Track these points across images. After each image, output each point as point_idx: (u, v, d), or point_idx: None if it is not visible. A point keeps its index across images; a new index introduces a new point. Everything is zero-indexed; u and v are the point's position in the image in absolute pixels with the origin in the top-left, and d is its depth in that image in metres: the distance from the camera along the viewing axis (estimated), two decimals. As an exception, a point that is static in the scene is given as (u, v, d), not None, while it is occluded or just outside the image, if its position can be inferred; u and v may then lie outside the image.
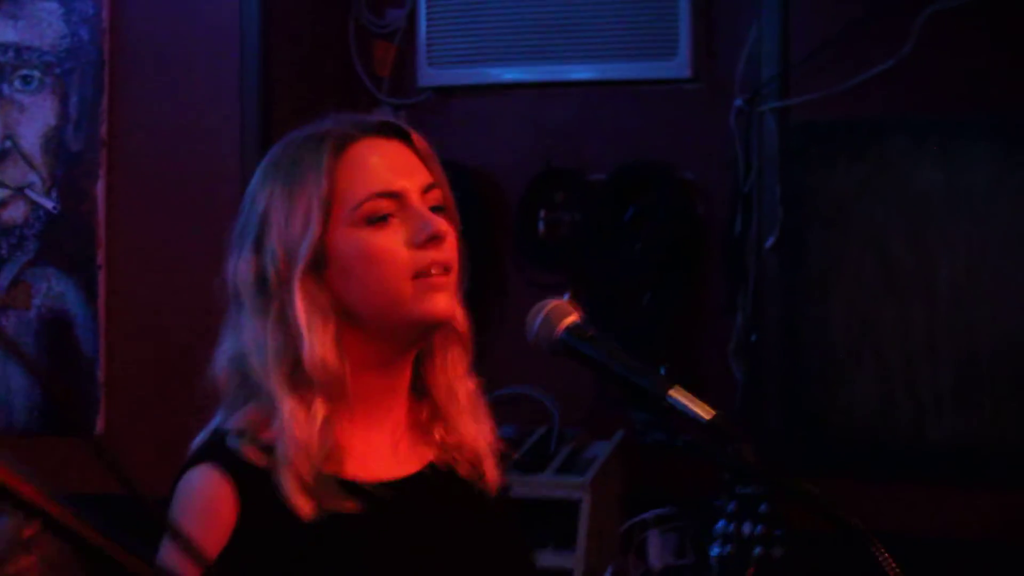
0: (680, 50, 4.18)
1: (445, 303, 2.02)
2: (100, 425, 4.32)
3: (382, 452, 2.07)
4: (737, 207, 4.07)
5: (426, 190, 2.05)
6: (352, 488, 1.98)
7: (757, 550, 3.93)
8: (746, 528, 3.97)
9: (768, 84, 3.99)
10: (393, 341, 2.05)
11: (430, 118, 4.43)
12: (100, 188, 4.32)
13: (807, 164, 3.95)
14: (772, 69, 3.99)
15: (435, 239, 2.01)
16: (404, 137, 2.08)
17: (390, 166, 2.04)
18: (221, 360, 2.04)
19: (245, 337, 2.02)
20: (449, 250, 2.03)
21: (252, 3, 4.22)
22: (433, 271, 2.00)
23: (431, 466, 2.10)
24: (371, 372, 2.05)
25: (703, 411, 1.99)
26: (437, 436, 2.12)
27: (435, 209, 2.05)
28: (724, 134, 4.12)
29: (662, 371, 4.62)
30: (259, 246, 2.02)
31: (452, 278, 2.04)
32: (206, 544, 1.88)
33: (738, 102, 4.06)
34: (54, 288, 4.35)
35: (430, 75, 4.43)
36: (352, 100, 4.48)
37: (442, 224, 2.02)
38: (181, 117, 4.31)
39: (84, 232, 4.32)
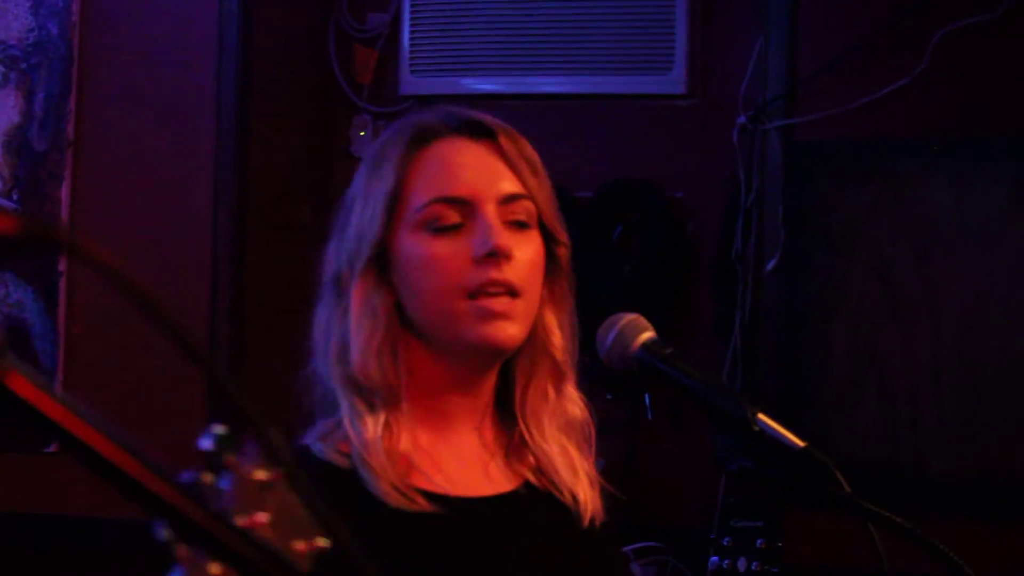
0: (676, 65, 4.07)
1: (507, 331, 1.89)
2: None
3: (472, 469, 1.98)
4: (735, 228, 3.96)
5: (507, 200, 1.92)
6: (438, 500, 1.89)
7: (753, 586, 3.83)
8: (741, 564, 3.88)
9: (773, 102, 3.89)
10: (455, 360, 1.93)
11: (411, 128, 4.30)
12: (64, 191, 4.15)
13: (811, 185, 3.87)
14: (777, 86, 3.90)
15: (493, 256, 1.87)
16: (494, 138, 1.94)
17: (464, 170, 1.92)
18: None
19: (315, 332, 1.96)
20: (513, 271, 1.89)
21: (232, 4, 4.07)
22: (490, 290, 1.87)
23: (527, 485, 2.00)
24: (447, 387, 1.95)
25: (795, 439, 1.89)
26: (531, 460, 2.01)
27: (516, 224, 1.91)
28: (719, 152, 4.02)
29: (647, 399, 4.48)
30: (341, 237, 1.95)
31: (519, 303, 1.90)
32: None
33: (741, 119, 3.95)
34: (12, 295, 4.17)
35: (413, 84, 4.29)
36: (331, 106, 4.35)
37: (505, 240, 1.87)
38: (153, 119, 4.15)
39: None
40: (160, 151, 4.14)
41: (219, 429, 1.10)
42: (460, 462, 1.97)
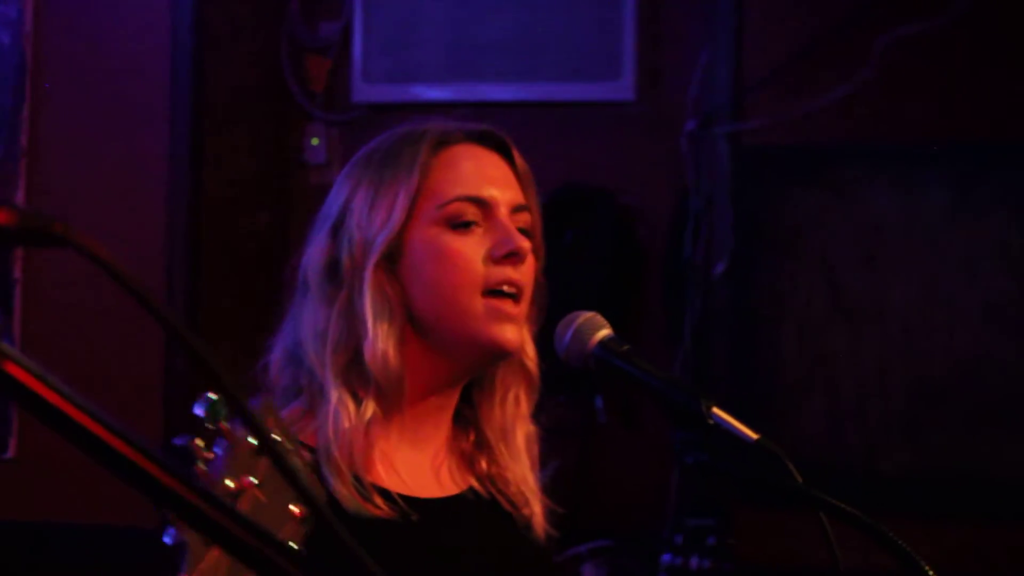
0: (624, 71, 4.12)
1: (514, 334, 1.95)
2: (12, 448, 4.15)
3: (423, 471, 2.02)
4: (684, 233, 4.02)
5: (516, 209, 1.99)
6: (389, 498, 1.93)
7: (705, 584, 3.89)
8: (694, 562, 3.93)
9: (720, 108, 3.95)
10: (454, 358, 1.98)
11: (364, 135, 4.32)
12: (19, 200, 4.16)
13: (759, 190, 3.93)
14: (724, 93, 3.96)
15: (514, 256, 1.94)
16: (505, 152, 2.02)
17: (484, 174, 1.98)
18: (277, 350, 2.00)
19: (305, 325, 1.97)
20: (526, 273, 1.96)
21: (185, 13, 4.09)
22: (506, 289, 1.93)
23: (472, 491, 2.04)
24: (434, 387, 1.99)
25: (748, 431, 1.94)
26: (483, 467, 2.06)
27: (521, 231, 1.97)
28: (669, 158, 4.07)
29: (598, 401, 4.54)
30: (335, 233, 1.98)
31: (522, 309, 1.97)
32: None
33: (689, 125, 4.01)
34: (-33, 302, 4.18)
35: (365, 91, 4.33)
36: (285, 115, 4.38)
37: (525, 243, 1.95)
38: (107, 130, 4.17)
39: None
40: (114, 160, 4.16)
41: (213, 396, 1.15)
42: (417, 463, 2.01)
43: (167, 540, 1.17)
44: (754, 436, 1.90)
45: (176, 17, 4.11)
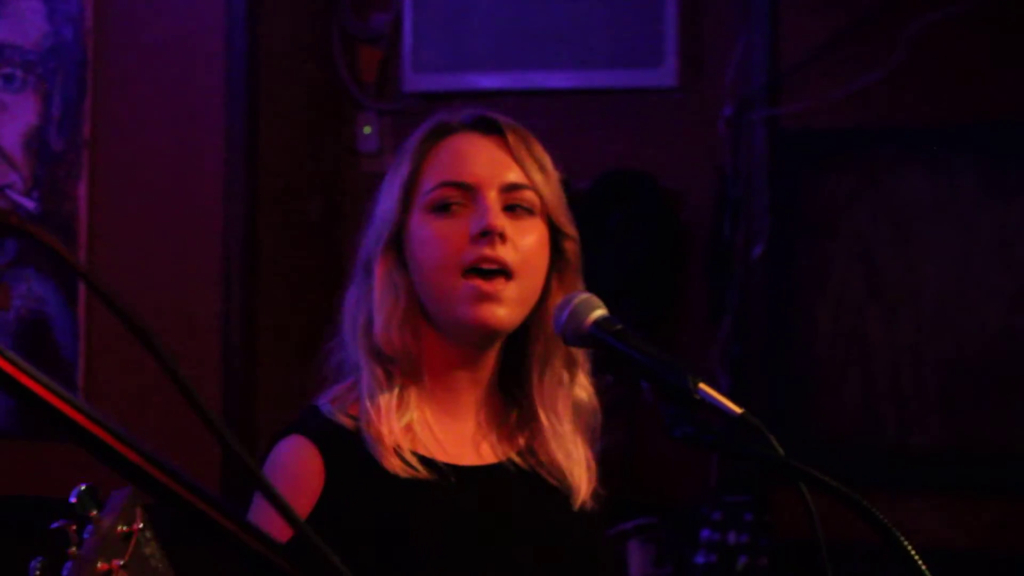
0: (666, 59, 4.20)
1: (496, 313, 2.03)
2: (78, 428, 4.29)
3: (463, 440, 2.11)
4: (723, 216, 4.09)
5: (509, 189, 2.06)
6: (428, 463, 2.03)
7: (742, 559, 3.97)
8: (731, 537, 4.01)
9: (757, 93, 4.01)
10: (455, 338, 2.08)
11: (414, 124, 4.41)
12: (82, 189, 4.30)
13: (796, 173, 3.99)
14: (761, 78, 4.02)
15: (487, 234, 2.01)
16: (502, 134, 2.09)
17: (471, 159, 2.06)
18: (337, 331, 2.12)
19: (346, 308, 2.11)
20: (508, 252, 2.03)
21: (238, 7, 4.21)
22: (483, 266, 2.01)
23: (512, 462, 2.12)
24: (453, 364, 2.09)
25: (732, 406, 2.01)
26: (525, 440, 2.14)
27: (519, 209, 2.06)
28: (710, 143, 4.14)
29: (644, 385, 4.59)
30: (369, 223, 2.12)
31: (511, 286, 2.04)
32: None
33: (727, 111, 4.08)
34: (34, 290, 4.33)
35: (415, 81, 4.43)
36: (337, 105, 4.49)
37: (500, 221, 2.02)
38: (165, 119, 4.30)
39: (65, 233, 4.29)
40: (172, 150, 4.29)
41: (83, 488, 1.29)
42: (456, 433, 2.10)
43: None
44: (738, 410, 1.96)
45: (231, 11, 4.23)
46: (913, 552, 1.76)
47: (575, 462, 2.12)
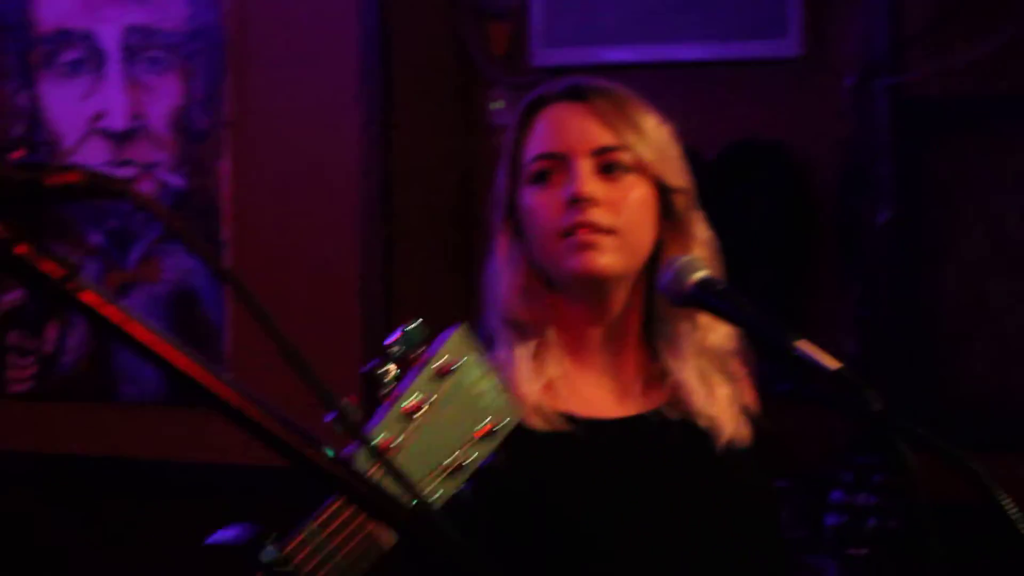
0: (790, 29, 4.22)
1: (597, 260, 2.11)
2: (225, 397, 4.43)
3: (605, 395, 2.19)
4: (849, 184, 4.10)
5: (599, 152, 2.15)
6: (573, 420, 2.12)
7: (872, 521, 3.98)
8: (862, 499, 4.02)
9: (880, 61, 4.02)
10: (572, 294, 2.17)
11: (544, 98, 4.49)
12: (225, 167, 4.45)
13: (919, 140, 3.99)
14: (884, 46, 4.02)
15: (576, 201, 2.10)
16: (588, 99, 2.17)
17: (562, 128, 2.16)
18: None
19: (484, 283, 2.23)
20: (601, 213, 2.11)
21: (372, -14, 4.31)
22: (579, 232, 2.11)
23: (657, 412, 2.19)
24: (581, 320, 2.18)
25: (829, 361, 2.06)
26: (666, 391, 2.21)
27: (616, 169, 2.14)
28: (835, 112, 4.16)
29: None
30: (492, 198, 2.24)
31: (612, 238, 2.12)
32: None
33: (850, 80, 4.09)
34: (182, 264, 4.48)
35: (545, 55, 4.49)
36: (467, 80, 4.56)
37: (588, 187, 2.11)
38: (303, 98, 4.41)
39: (209, 209, 4.44)
40: (310, 127, 4.40)
41: (407, 326, 1.33)
42: (596, 387, 2.19)
43: (263, 558, 1.30)
44: (835, 366, 2.02)
45: (364, -10, 4.33)
46: (1014, 513, 1.78)
47: (716, 404, 2.19)
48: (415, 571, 2.04)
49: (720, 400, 2.19)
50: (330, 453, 1.19)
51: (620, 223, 2.13)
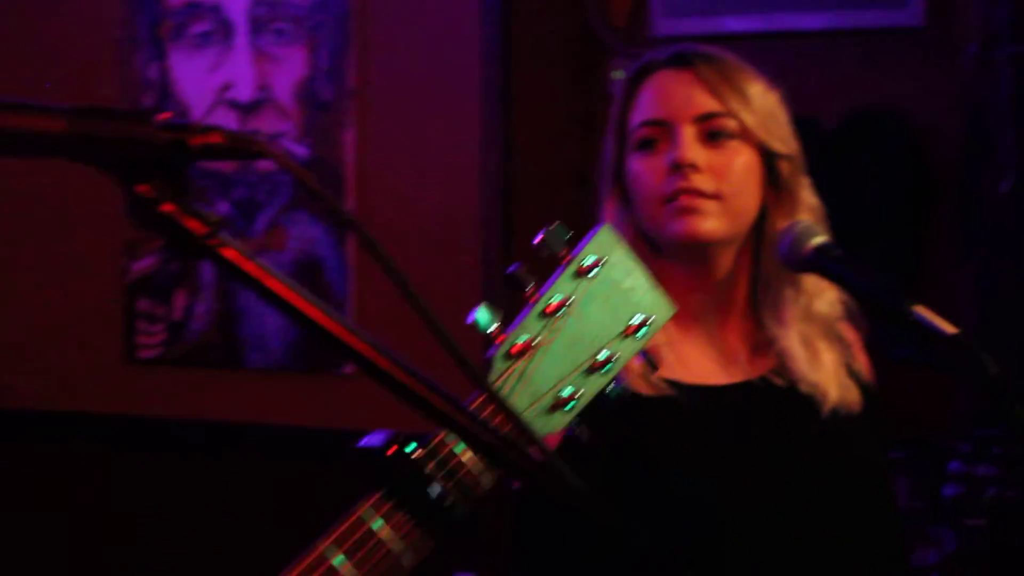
0: (913, -3, 4.21)
1: (700, 224, 2.13)
2: (351, 365, 4.51)
3: (712, 361, 2.21)
4: (971, 154, 4.09)
5: (703, 119, 2.16)
6: (677, 387, 2.14)
7: (991, 491, 3.97)
8: (980, 470, 4.01)
9: (1002, 29, 3.99)
10: (677, 260, 2.19)
11: (665, 68, 4.51)
12: (349, 136, 4.51)
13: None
14: (1005, 14, 4.00)
15: (678, 168, 2.13)
16: (693, 66, 2.19)
17: (666, 96, 2.17)
18: None
19: None
20: (704, 179, 2.13)
21: (492, -43, 4.35)
22: (681, 198, 2.13)
23: (763, 379, 2.20)
24: (686, 286, 2.19)
25: (947, 327, 2.07)
26: (772, 359, 2.22)
27: (720, 136, 2.16)
28: (957, 81, 4.14)
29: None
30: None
31: (713, 203, 2.14)
32: None
33: (972, 48, 4.07)
34: (307, 233, 4.56)
35: (665, 25, 4.51)
36: (587, 50, 4.59)
37: (690, 154, 2.13)
38: (424, 68, 4.46)
39: (334, 179, 4.51)
40: (432, 98, 4.45)
41: (552, 226, 1.35)
42: (701, 354, 2.21)
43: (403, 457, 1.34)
44: (952, 330, 2.03)
45: (485, -40, 4.36)
46: None
47: (820, 370, 2.19)
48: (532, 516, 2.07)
49: (825, 366, 2.20)
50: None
51: (723, 189, 2.15)
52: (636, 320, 1.37)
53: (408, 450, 1.29)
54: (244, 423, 4.64)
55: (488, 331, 1.32)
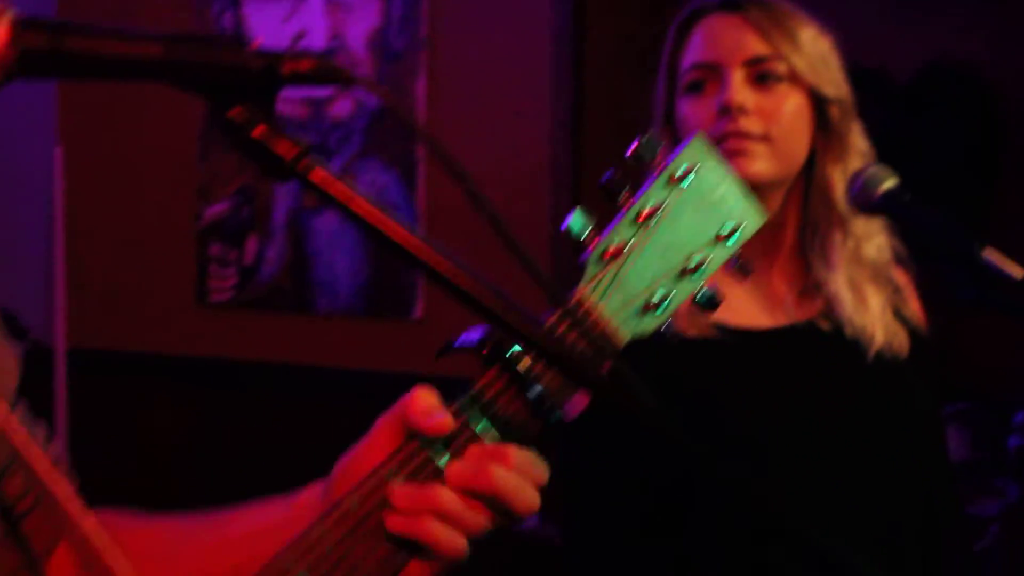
0: (989, -50, 4.20)
1: (748, 166, 2.13)
2: (419, 310, 4.57)
3: (759, 304, 2.22)
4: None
5: (753, 62, 2.16)
6: (723, 329, 2.15)
7: (1057, 442, 3.96)
8: (1048, 439, 3.99)
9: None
10: None
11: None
12: (420, 86, 4.55)
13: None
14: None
15: (727, 110, 2.13)
16: (743, 10, 2.19)
17: (714, 39, 2.18)
18: None
19: None
20: (752, 122, 2.14)
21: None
22: (729, 140, 2.13)
23: (810, 323, 2.21)
24: None
25: (1016, 270, 2.08)
26: (820, 303, 2.23)
27: (769, 79, 2.17)
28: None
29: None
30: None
31: (761, 146, 2.14)
32: None
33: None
34: (377, 180, 4.61)
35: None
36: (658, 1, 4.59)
37: (739, 97, 2.13)
38: (495, 19, 4.49)
39: (405, 127, 4.55)
40: (502, 49, 4.49)
41: (646, 135, 1.38)
42: (748, 297, 2.21)
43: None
44: (1019, 275, 2.04)
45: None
46: None
47: (867, 314, 2.19)
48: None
49: (872, 310, 2.20)
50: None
51: (772, 132, 2.15)
52: (727, 227, 1.39)
53: (505, 352, 1.33)
54: (313, 366, 4.71)
55: (582, 236, 1.36)
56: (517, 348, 1.32)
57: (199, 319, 4.88)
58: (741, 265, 1.40)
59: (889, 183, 2.16)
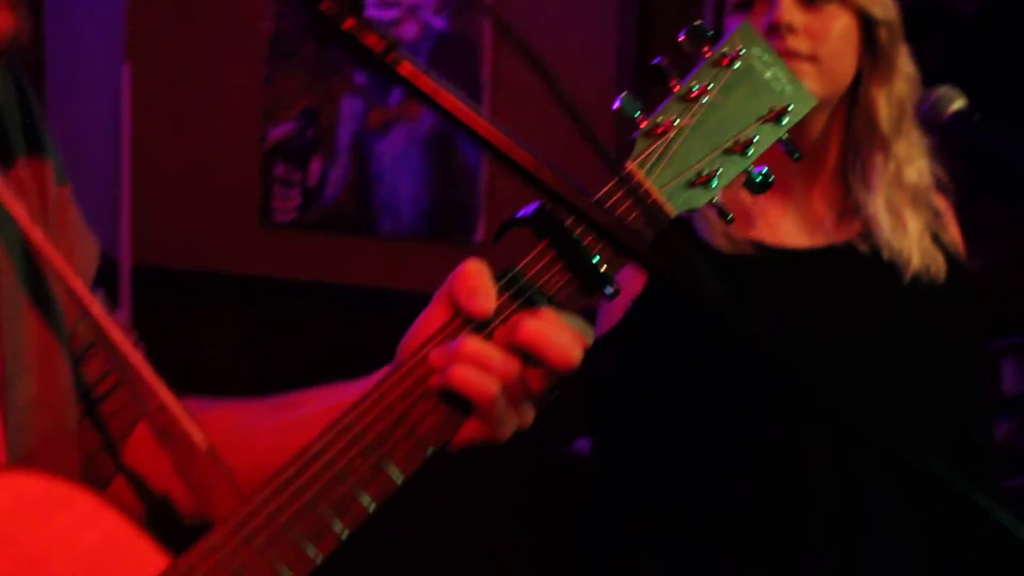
0: None
1: None
2: (480, 233, 4.60)
3: (798, 225, 2.25)
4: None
5: None
6: (759, 247, 2.19)
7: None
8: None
9: None
10: None
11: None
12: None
13: None
14: None
15: (775, 29, 2.14)
16: None
17: None
18: None
19: None
20: (800, 41, 2.15)
21: None
22: None
23: (848, 244, 2.24)
24: (778, 149, 2.22)
25: None
26: (859, 224, 2.25)
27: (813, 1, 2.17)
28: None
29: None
30: None
31: (806, 65, 2.15)
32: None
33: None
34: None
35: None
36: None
37: (787, 15, 2.14)
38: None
39: (470, 51, 4.56)
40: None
41: (697, 23, 1.41)
42: (787, 217, 2.24)
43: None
44: (1086, 195, 2.06)
45: None
46: None
47: (905, 237, 2.22)
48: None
49: (910, 233, 2.22)
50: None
51: (820, 51, 2.16)
52: (777, 108, 1.41)
53: (558, 225, 1.36)
54: (375, 288, 4.75)
55: (634, 116, 1.38)
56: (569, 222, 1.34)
57: (263, 239, 4.93)
58: (792, 145, 1.42)
59: (959, 103, 2.19)
